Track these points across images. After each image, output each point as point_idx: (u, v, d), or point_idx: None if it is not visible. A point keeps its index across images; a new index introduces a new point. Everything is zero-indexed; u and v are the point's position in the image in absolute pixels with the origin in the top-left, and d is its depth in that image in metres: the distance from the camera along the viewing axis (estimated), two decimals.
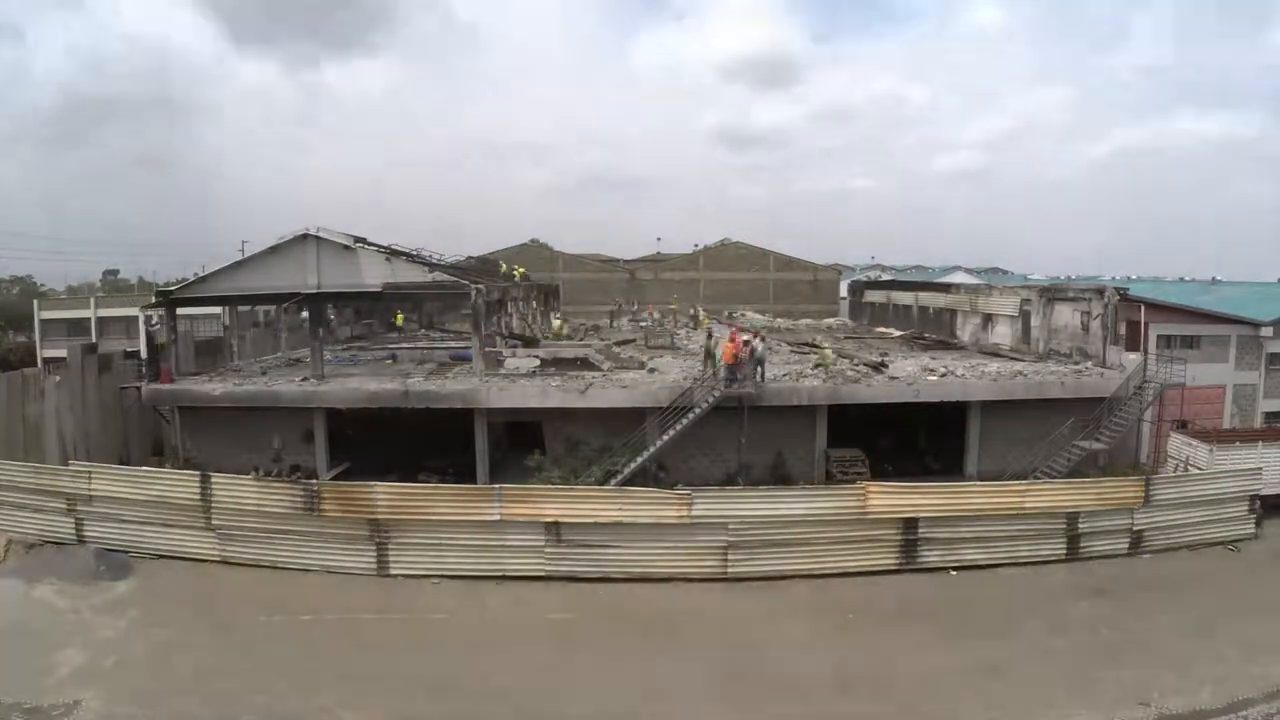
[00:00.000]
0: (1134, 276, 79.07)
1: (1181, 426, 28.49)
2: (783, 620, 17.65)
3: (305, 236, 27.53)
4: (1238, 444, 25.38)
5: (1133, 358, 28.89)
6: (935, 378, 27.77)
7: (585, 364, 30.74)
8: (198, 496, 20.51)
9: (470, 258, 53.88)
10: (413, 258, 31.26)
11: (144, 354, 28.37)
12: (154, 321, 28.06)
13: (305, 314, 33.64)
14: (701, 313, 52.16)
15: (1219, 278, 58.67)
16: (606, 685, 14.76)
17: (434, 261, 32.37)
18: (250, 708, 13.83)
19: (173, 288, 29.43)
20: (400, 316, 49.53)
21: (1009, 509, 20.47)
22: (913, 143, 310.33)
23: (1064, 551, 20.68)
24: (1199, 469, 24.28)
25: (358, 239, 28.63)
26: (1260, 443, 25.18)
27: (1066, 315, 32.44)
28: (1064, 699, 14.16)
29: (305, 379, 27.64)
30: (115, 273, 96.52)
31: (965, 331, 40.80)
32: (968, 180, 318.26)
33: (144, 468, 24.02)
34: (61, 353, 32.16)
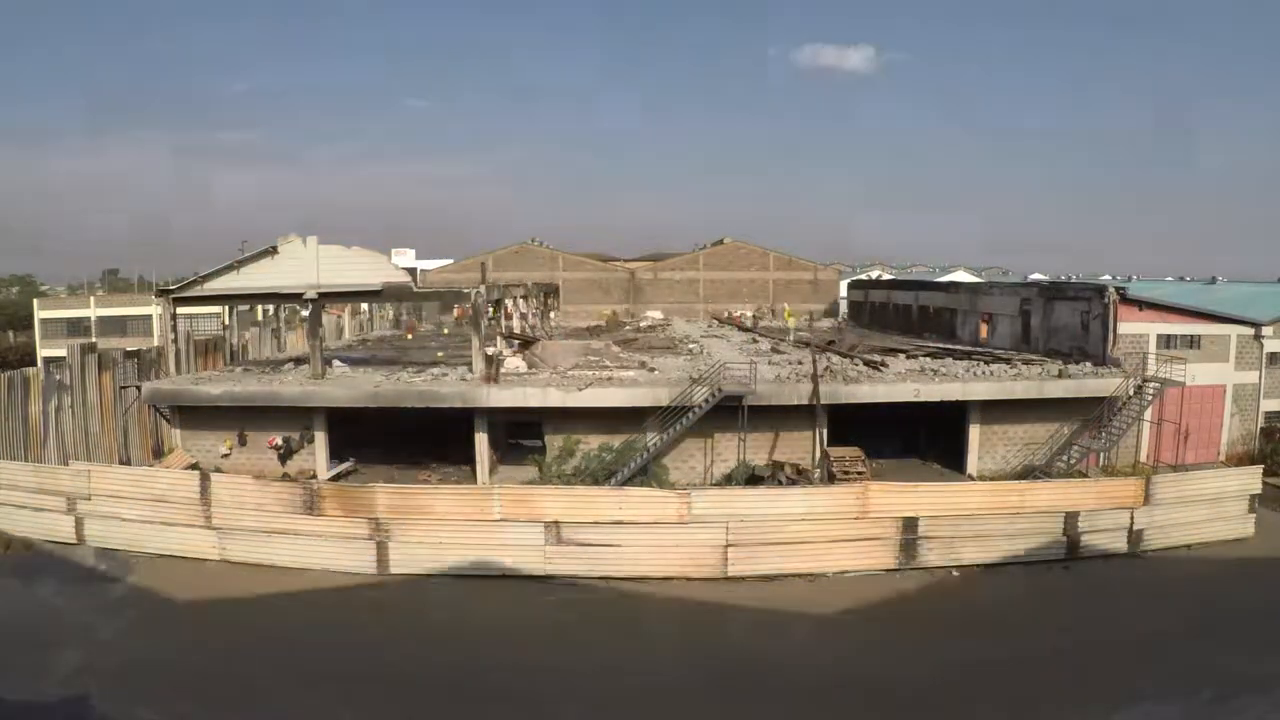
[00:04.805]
0: (1134, 276, 78.97)
1: None
2: (783, 619, 17.64)
3: (305, 237, 27.71)
4: None
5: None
6: (935, 378, 27.76)
7: None
8: (197, 495, 20.53)
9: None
10: None
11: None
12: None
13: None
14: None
15: (1219, 278, 58.51)
16: (606, 685, 14.74)
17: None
18: (250, 707, 13.83)
19: (173, 287, 29.51)
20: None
21: (1009, 508, 20.46)
22: None
23: (1064, 551, 20.65)
24: None
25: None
26: None
27: (1066, 314, 32.44)
28: (1064, 698, 14.14)
29: (305, 378, 27.66)
30: (115, 272, 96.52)
31: (965, 331, 40.79)
32: None
33: (144, 467, 24.03)
34: (61, 352, 32.11)
